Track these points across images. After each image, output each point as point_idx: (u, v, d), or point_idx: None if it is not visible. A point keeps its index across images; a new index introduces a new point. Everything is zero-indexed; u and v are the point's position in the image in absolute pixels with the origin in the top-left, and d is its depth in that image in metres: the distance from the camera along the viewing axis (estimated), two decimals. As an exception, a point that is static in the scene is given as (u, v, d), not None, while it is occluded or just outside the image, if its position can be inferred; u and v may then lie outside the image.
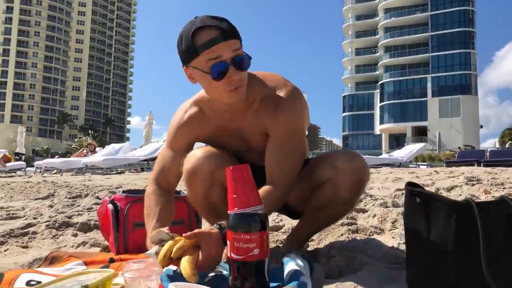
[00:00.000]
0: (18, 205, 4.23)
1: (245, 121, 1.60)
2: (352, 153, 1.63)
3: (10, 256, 2.08)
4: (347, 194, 1.60)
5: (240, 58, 1.42)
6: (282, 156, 1.56)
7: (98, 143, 29.38)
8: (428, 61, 59.19)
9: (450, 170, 7.25)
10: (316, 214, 1.70)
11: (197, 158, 1.58)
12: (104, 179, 8.39)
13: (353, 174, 1.57)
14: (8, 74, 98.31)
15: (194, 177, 1.58)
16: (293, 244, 1.80)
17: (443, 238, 1.19)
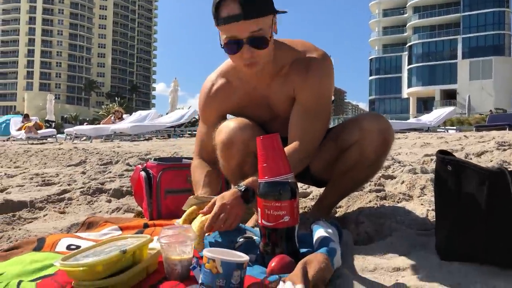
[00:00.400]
0: (52, 172, 4.38)
1: (272, 88, 1.61)
2: (376, 115, 1.65)
3: (49, 221, 2.18)
4: (373, 155, 1.62)
5: (256, 39, 1.42)
6: (307, 119, 1.57)
7: (125, 110, 29.77)
8: (459, 21, 57.00)
9: (480, 134, 7.10)
10: (342, 178, 1.72)
11: (230, 129, 1.59)
12: (132, 146, 8.56)
13: (379, 135, 1.59)
14: (35, 42, 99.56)
15: (230, 148, 1.60)
16: (321, 210, 1.82)
17: (475, 205, 1.20)
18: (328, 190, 1.84)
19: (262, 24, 1.42)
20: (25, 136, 13.27)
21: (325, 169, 1.74)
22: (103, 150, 6.83)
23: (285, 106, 1.63)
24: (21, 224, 2.13)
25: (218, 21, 1.42)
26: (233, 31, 1.41)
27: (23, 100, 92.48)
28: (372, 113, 1.67)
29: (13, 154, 7.33)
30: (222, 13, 1.39)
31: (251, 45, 1.43)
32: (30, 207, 2.47)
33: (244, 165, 1.64)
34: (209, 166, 1.74)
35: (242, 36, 1.42)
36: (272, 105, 1.66)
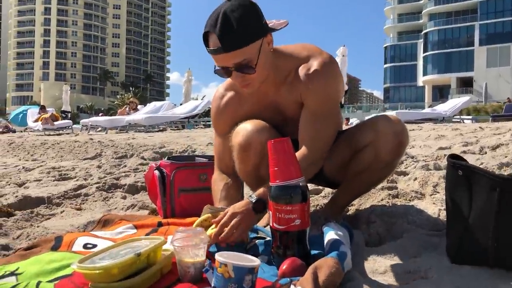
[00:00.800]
0: (69, 165, 4.45)
1: (281, 93, 1.63)
2: (391, 117, 1.64)
3: (66, 218, 2.23)
4: (388, 157, 1.62)
5: (242, 66, 1.46)
6: (316, 123, 1.57)
7: (139, 99, 29.98)
8: (476, 7, 55.88)
9: (496, 126, 7.01)
10: (356, 179, 1.73)
11: (248, 132, 1.61)
12: (147, 137, 8.63)
13: (394, 137, 1.59)
14: (51, 32, 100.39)
15: (247, 150, 1.62)
16: (333, 210, 1.84)
17: (485, 211, 1.20)
18: (341, 190, 1.84)
19: (246, 53, 1.43)
20: (42, 127, 13.46)
21: (339, 170, 1.75)
22: (118, 143, 6.91)
23: (295, 109, 1.64)
24: (39, 221, 2.18)
25: (207, 49, 1.47)
26: (219, 62, 1.47)
27: (39, 90, 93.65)
28: (386, 116, 1.66)
29: (30, 147, 7.45)
30: (209, 44, 1.44)
31: (239, 71, 1.47)
32: (47, 203, 2.53)
33: (261, 168, 1.65)
34: (228, 178, 1.75)
35: (228, 65, 1.46)
36: (282, 110, 1.67)
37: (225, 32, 1.38)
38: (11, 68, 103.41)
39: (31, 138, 10.52)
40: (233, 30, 1.38)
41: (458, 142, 4.44)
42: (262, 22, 1.47)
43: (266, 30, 1.48)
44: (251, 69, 1.47)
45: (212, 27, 1.40)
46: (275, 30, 1.53)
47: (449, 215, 1.35)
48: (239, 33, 1.40)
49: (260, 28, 1.46)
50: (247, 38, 1.42)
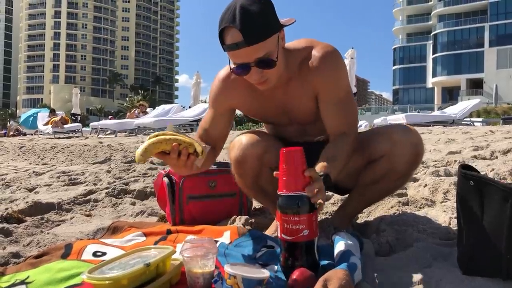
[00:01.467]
0: (78, 169, 4.48)
1: (288, 93, 1.61)
2: (408, 127, 1.62)
3: (76, 225, 2.24)
4: (403, 168, 1.60)
5: (263, 61, 1.42)
6: (341, 107, 1.58)
7: (148, 102, 30.09)
8: (486, 8, 55.46)
9: (507, 129, 6.94)
10: (368, 188, 1.70)
11: (243, 146, 1.60)
12: (156, 141, 8.66)
13: (412, 148, 1.57)
14: (61, 35, 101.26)
15: (243, 165, 1.62)
16: (343, 218, 1.81)
17: (497, 223, 1.18)
18: (352, 198, 1.81)
19: (267, 46, 1.41)
20: (52, 130, 13.57)
21: (349, 177, 1.72)
22: (127, 146, 6.94)
23: (303, 108, 1.63)
24: (49, 227, 2.20)
25: (223, 47, 1.42)
26: (238, 58, 1.42)
27: (49, 93, 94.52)
28: (403, 125, 1.64)
29: (40, 150, 7.51)
30: (227, 40, 1.39)
31: (259, 67, 1.44)
32: (57, 209, 2.55)
33: (260, 179, 1.65)
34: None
35: (249, 61, 1.42)
36: (289, 109, 1.66)
37: (247, 25, 1.34)
38: (22, 71, 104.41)
39: (42, 141, 10.60)
40: (255, 22, 1.35)
41: (469, 146, 4.40)
42: (276, 15, 1.46)
43: (280, 25, 1.47)
44: (272, 63, 1.44)
45: (230, 22, 1.35)
46: (285, 26, 1.51)
47: (460, 226, 1.33)
48: (261, 25, 1.36)
49: (276, 22, 1.45)
50: (268, 31, 1.40)
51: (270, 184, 1.64)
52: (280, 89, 1.61)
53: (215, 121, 1.70)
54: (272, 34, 1.41)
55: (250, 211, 2.14)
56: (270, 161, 1.61)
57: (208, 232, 1.83)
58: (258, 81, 1.49)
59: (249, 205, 2.15)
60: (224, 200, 2.07)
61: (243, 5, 1.36)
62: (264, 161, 1.62)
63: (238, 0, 1.38)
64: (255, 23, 1.35)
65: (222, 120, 1.70)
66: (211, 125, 1.70)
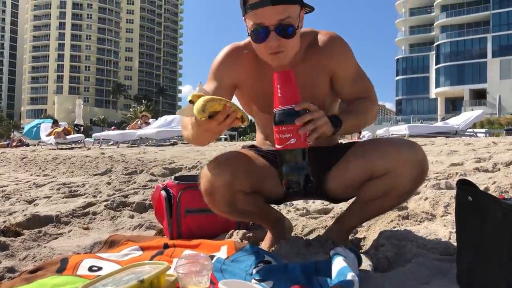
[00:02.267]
0: (79, 181, 4.47)
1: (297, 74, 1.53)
2: (412, 143, 1.55)
3: (73, 238, 2.23)
4: (407, 186, 1.54)
5: (284, 27, 1.41)
6: (358, 79, 1.66)
7: (152, 112, 30.20)
8: (489, 19, 55.66)
9: (510, 140, 6.92)
10: (368, 204, 1.64)
11: (209, 176, 1.52)
12: (158, 151, 8.67)
13: (418, 165, 1.50)
14: (65, 47, 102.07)
15: (211, 195, 1.54)
16: (341, 232, 1.77)
17: (496, 239, 1.16)
18: (351, 213, 1.74)
19: (290, 11, 1.41)
20: (55, 141, 13.60)
21: (345, 188, 1.66)
22: (129, 158, 6.94)
23: (310, 92, 1.58)
24: (47, 241, 2.18)
25: (245, 8, 1.42)
26: (260, 18, 1.40)
27: (53, 103, 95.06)
28: (407, 141, 1.57)
29: (42, 162, 7.52)
30: (250, 0, 1.40)
31: (278, 33, 1.42)
32: (55, 222, 2.54)
33: (235, 204, 1.57)
34: None
35: (269, 23, 1.41)
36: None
37: None
38: (26, 82, 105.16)
39: (44, 152, 10.63)
40: None
41: (471, 158, 4.38)
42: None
43: (303, 4, 1.49)
44: (293, 30, 1.43)
45: None
46: (306, 8, 1.52)
47: (459, 242, 1.31)
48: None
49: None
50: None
51: (247, 205, 1.60)
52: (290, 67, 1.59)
53: (215, 93, 1.58)
54: (296, 3, 1.44)
55: (248, 225, 2.12)
56: (241, 186, 1.54)
57: (205, 247, 1.81)
58: (274, 49, 1.45)
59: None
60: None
61: None
62: (234, 188, 1.52)
63: None
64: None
65: (222, 95, 1.60)
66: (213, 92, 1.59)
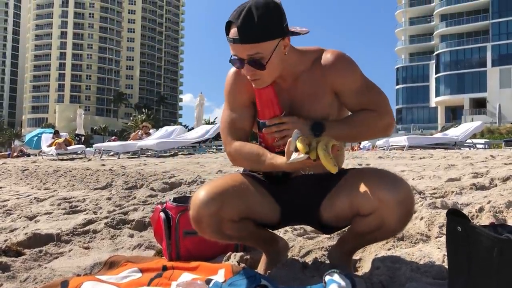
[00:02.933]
0: (79, 196, 4.51)
1: (297, 89, 1.68)
2: (395, 180, 1.53)
3: (74, 258, 2.26)
4: (394, 226, 1.55)
5: (253, 61, 1.54)
6: (362, 93, 1.66)
7: (153, 121, 30.24)
8: (488, 28, 55.94)
9: (507, 154, 6.95)
10: (360, 238, 1.68)
11: (197, 204, 1.59)
12: (158, 163, 8.70)
13: (400, 207, 1.49)
14: (66, 56, 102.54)
15: (199, 223, 1.61)
16: (342, 255, 1.79)
17: (485, 270, 1.20)
18: (347, 239, 1.77)
19: (260, 49, 1.53)
20: (55, 152, 13.65)
21: (336, 218, 1.69)
22: (129, 171, 6.97)
23: (312, 106, 1.67)
24: (47, 261, 2.21)
25: (226, 38, 1.57)
26: (234, 51, 1.56)
27: (54, 112, 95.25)
28: (390, 178, 1.54)
29: (43, 174, 7.56)
30: (229, 34, 1.54)
31: (250, 65, 1.56)
32: (56, 240, 2.57)
33: (222, 231, 1.62)
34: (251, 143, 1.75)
35: (242, 57, 1.56)
36: (298, 105, 1.69)
37: (245, 26, 1.49)
38: (28, 91, 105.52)
39: (45, 163, 10.66)
40: (253, 25, 1.49)
41: (468, 172, 4.41)
42: (283, 24, 1.56)
43: (285, 33, 1.57)
44: (261, 65, 1.55)
45: (235, 19, 1.51)
46: (294, 34, 1.61)
47: (450, 270, 1.35)
48: (258, 28, 1.49)
49: (279, 29, 1.55)
50: (264, 35, 1.52)
51: (235, 231, 1.65)
52: (287, 86, 1.69)
53: (242, 118, 1.75)
54: (269, 40, 1.53)
55: (246, 246, 2.15)
56: (229, 215, 1.60)
57: (203, 269, 1.84)
58: (250, 78, 1.61)
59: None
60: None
61: (251, 7, 1.50)
62: (221, 216, 1.58)
63: (252, 2, 1.52)
64: (253, 26, 1.49)
65: (243, 116, 1.75)
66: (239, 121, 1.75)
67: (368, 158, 8.04)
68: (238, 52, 1.55)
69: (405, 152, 10.21)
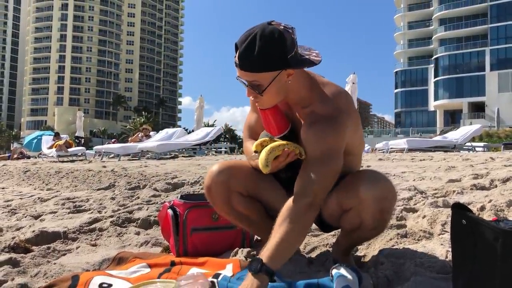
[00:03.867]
0: (83, 196, 4.54)
1: (295, 118, 1.73)
2: (375, 178, 1.64)
3: (82, 255, 2.29)
4: (371, 222, 1.67)
5: (253, 86, 1.58)
6: (311, 166, 1.58)
7: (152, 124, 30.25)
8: (487, 32, 56.07)
9: (507, 156, 6.99)
10: (349, 234, 1.80)
11: (211, 174, 1.83)
12: (159, 165, 8.72)
13: (375, 204, 1.61)
14: (66, 58, 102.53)
15: (211, 193, 1.83)
16: (339, 253, 1.87)
17: (489, 262, 1.23)
18: (341, 238, 1.89)
19: (258, 78, 1.55)
20: (56, 154, 13.66)
21: (331, 216, 1.81)
22: (131, 172, 7.00)
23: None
24: (56, 257, 2.24)
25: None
26: (238, 73, 1.60)
27: (53, 115, 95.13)
28: (372, 176, 1.66)
29: (45, 175, 7.58)
30: (235, 55, 1.58)
31: (251, 88, 1.60)
32: (63, 238, 2.60)
33: (231, 202, 1.84)
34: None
35: (243, 80, 1.60)
36: (297, 130, 1.71)
37: (245, 55, 1.52)
38: (27, 93, 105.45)
39: (46, 165, 10.68)
40: (252, 55, 1.50)
41: (469, 174, 4.45)
42: (287, 55, 1.52)
43: (288, 65, 1.54)
44: (259, 91, 1.59)
45: (240, 44, 1.54)
46: (299, 67, 1.59)
47: (454, 264, 1.38)
48: (256, 59, 1.51)
49: (280, 61, 1.53)
50: (262, 66, 1.53)
51: (242, 207, 1.86)
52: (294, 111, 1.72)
53: (253, 120, 1.93)
54: (266, 71, 1.54)
55: (252, 243, 2.19)
56: (236, 187, 1.82)
57: (211, 265, 1.88)
58: (251, 99, 1.67)
59: (251, 237, 2.20)
60: (227, 232, 2.13)
61: (256, 35, 1.50)
62: (230, 187, 1.81)
63: (259, 28, 1.52)
64: (253, 56, 1.50)
65: (258, 120, 1.87)
66: (255, 123, 1.92)
67: (368, 160, 8.08)
68: (240, 75, 1.59)
69: (405, 154, 10.24)
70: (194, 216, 2.10)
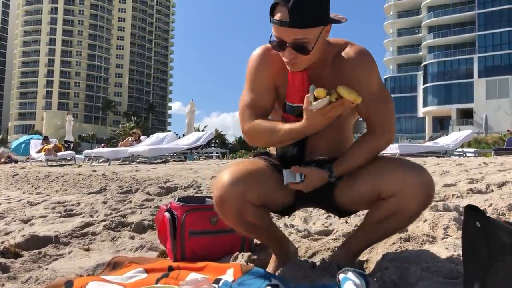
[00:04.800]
0: (74, 200, 4.44)
1: (321, 78, 1.64)
2: (420, 167, 1.60)
3: (75, 259, 2.21)
4: (414, 209, 1.58)
5: (298, 45, 1.52)
6: (371, 102, 1.62)
7: (141, 129, 30.10)
8: (475, 40, 56.77)
9: (500, 161, 7.02)
10: (375, 227, 1.69)
11: (222, 185, 1.58)
12: (150, 169, 8.63)
13: (424, 189, 1.55)
14: (55, 62, 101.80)
15: (224, 205, 1.59)
16: (348, 256, 1.78)
17: (505, 264, 1.19)
18: (358, 236, 1.78)
19: (307, 34, 1.50)
20: (45, 158, 13.48)
21: (353, 200, 1.71)
22: (122, 176, 6.91)
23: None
24: (47, 263, 2.17)
25: (270, 20, 1.53)
26: (279, 33, 1.52)
27: (41, 119, 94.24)
28: (414, 164, 1.61)
29: (34, 179, 7.45)
30: (275, 16, 1.50)
31: (293, 48, 1.53)
32: (55, 242, 2.51)
33: (244, 215, 1.62)
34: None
35: (286, 40, 1.52)
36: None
37: (297, 9, 1.45)
38: (14, 97, 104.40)
39: (34, 169, 10.53)
40: (305, 10, 1.45)
41: (464, 178, 4.44)
42: (329, 10, 1.54)
43: (329, 20, 1.55)
44: (305, 50, 1.53)
45: (284, 1, 1.46)
46: (337, 22, 1.59)
47: (466, 267, 1.34)
48: (310, 13, 1.46)
49: (326, 16, 1.53)
50: (315, 21, 1.49)
51: (255, 218, 1.65)
52: (311, 74, 1.66)
53: (263, 98, 1.71)
54: (317, 26, 1.50)
55: (252, 247, 2.13)
56: (251, 198, 1.60)
57: (211, 269, 1.82)
58: (289, 61, 1.57)
59: (251, 241, 2.14)
60: (225, 236, 2.06)
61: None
62: (245, 200, 1.59)
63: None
64: (305, 11, 1.45)
65: (264, 98, 1.72)
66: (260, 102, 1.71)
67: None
68: (283, 35, 1.51)
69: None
70: (192, 220, 2.04)
